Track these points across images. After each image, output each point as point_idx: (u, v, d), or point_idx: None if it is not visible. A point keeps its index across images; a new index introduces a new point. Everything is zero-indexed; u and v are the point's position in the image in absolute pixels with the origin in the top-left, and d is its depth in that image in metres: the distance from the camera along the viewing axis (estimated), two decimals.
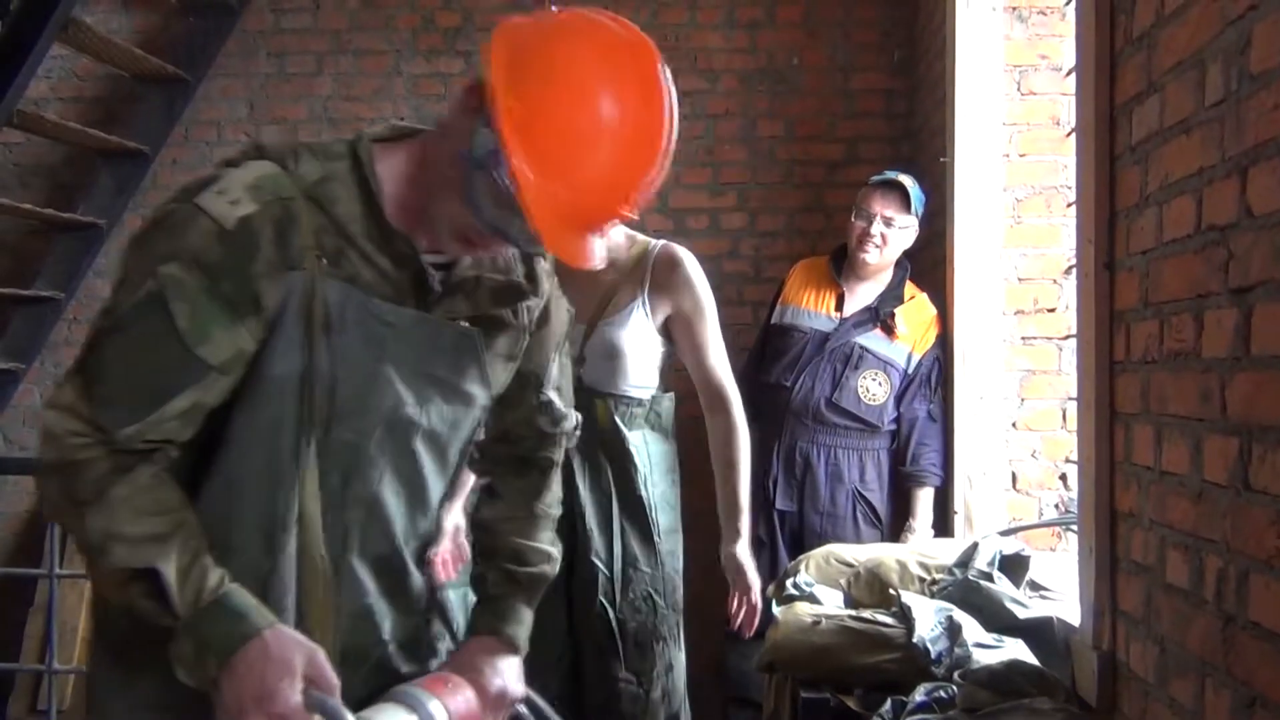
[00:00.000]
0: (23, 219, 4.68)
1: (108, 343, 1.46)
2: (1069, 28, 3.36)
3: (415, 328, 1.58)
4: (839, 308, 3.71)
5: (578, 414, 1.87)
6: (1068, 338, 3.39)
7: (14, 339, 4.59)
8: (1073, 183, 3.23)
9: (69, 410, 1.45)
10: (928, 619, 2.38)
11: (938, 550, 2.89)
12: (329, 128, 4.69)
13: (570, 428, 1.86)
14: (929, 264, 3.84)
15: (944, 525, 3.63)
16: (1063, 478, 3.50)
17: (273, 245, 1.48)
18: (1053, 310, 3.53)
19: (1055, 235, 3.51)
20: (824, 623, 2.54)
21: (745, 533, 2.87)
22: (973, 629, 2.35)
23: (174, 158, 4.73)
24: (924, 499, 3.64)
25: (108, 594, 1.50)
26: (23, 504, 4.79)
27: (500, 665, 1.71)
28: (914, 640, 2.34)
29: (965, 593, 2.52)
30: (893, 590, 2.67)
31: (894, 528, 3.66)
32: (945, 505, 3.64)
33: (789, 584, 2.84)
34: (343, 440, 1.56)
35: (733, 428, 2.86)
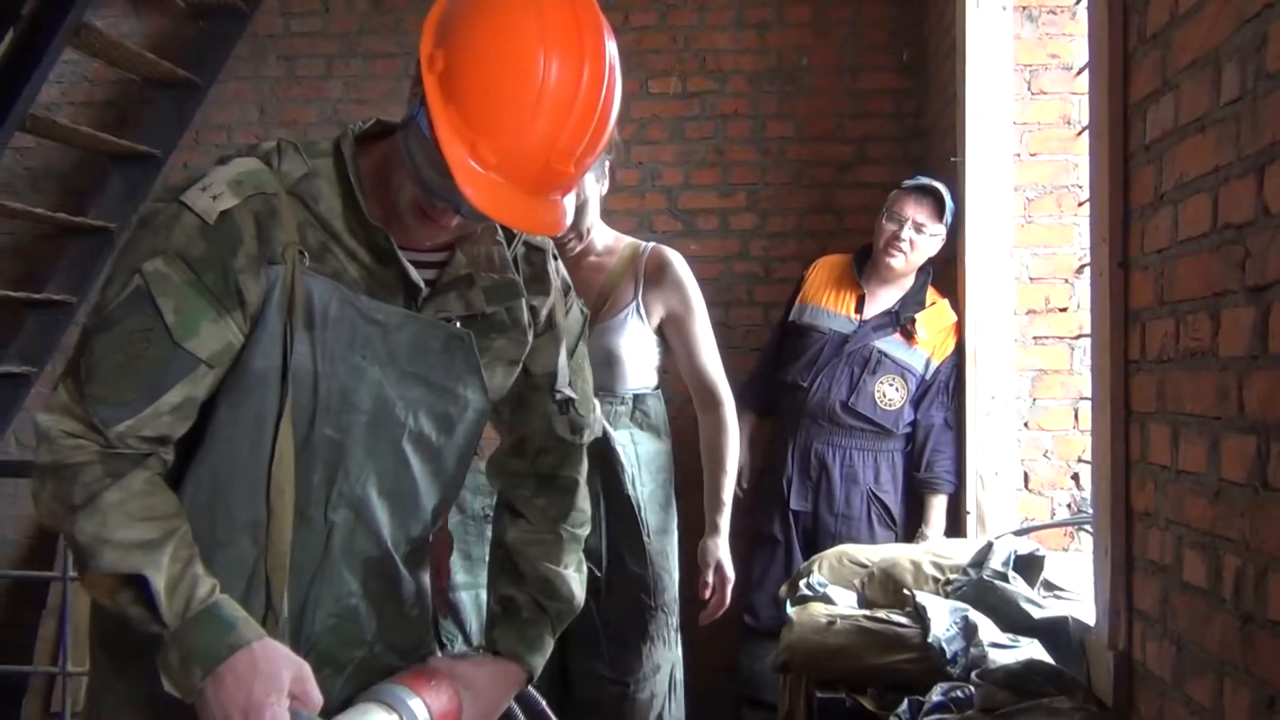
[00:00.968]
0: (34, 223, 4.69)
1: (97, 341, 1.46)
2: (1079, 27, 3.38)
3: (403, 326, 1.56)
4: (859, 309, 3.69)
5: (604, 422, 1.84)
6: (1079, 337, 3.39)
7: (26, 343, 4.59)
8: (1083, 182, 3.25)
9: (63, 411, 1.45)
10: (943, 619, 2.38)
11: (952, 550, 2.89)
12: (339, 131, 4.68)
13: (591, 440, 1.82)
14: (940, 264, 3.84)
15: (956, 526, 3.62)
16: (1075, 477, 3.50)
17: (254, 239, 1.47)
18: (1064, 310, 3.52)
19: (1066, 234, 3.51)
20: (839, 623, 2.54)
21: (724, 528, 2.84)
22: (988, 629, 2.34)
23: (185, 161, 4.72)
24: (937, 506, 3.64)
25: (99, 600, 1.50)
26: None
27: (510, 692, 1.73)
28: (929, 640, 2.33)
29: (980, 593, 2.51)
30: (907, 590, 2.67)
31: (909, 530, 3.66)
32: (958, 505, 3.63)
33: (802, 584, 2.84)
34: (325, 436, 1.54)
35: (722, 426, 2.85)
